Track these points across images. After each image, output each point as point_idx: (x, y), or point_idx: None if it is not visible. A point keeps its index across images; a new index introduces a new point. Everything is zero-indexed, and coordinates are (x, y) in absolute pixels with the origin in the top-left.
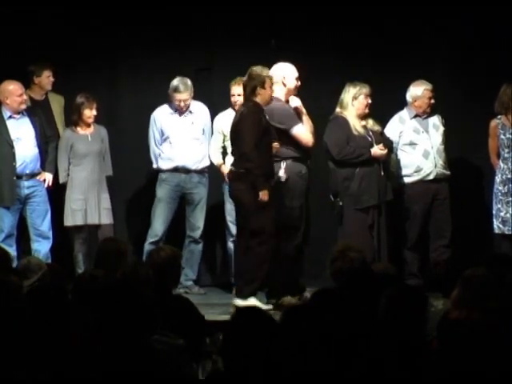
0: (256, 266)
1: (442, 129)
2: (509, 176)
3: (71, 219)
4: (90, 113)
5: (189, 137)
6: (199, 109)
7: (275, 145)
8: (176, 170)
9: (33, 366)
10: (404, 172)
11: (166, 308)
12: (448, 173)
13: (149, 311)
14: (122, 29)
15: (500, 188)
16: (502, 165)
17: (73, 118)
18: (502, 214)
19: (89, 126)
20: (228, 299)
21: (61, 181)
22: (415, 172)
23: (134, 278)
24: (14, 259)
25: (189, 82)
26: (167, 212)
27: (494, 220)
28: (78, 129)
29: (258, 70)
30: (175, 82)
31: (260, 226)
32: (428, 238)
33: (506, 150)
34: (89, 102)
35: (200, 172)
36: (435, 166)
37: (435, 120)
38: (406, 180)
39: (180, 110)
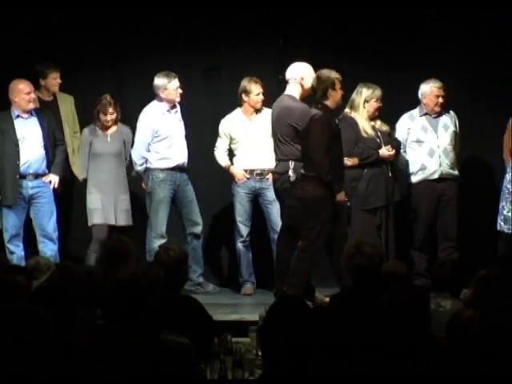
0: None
1: (452, 129)
2: None
3: (90, 218)
4: (105, 117)
5: (181, 135)
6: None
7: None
8: (173, 168)
9: (37, 366)
10: (410, 170)
11: (174, 308)
12: (456, 173)
13: (154, 311)
14: (129, 28)
15: (509, 186)
16: None
17: (94, 116)
18: (504, 212)
19: (115, 124)
20: (236, 299)
21: (80, 177)
22: (420, 170)
23: (145, 278)
24: (21, 259)
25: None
26: (168, 212)
27: (498, 217)
28: (98, 128)
29: (326, 72)
30: (162, 76)
31: (313, 229)
32: (436, 238)
33: None
34: (104, 108)
35: (187, 169)
36: (440, 165)
37: (446, 120)
38: (412, 178)
39: (173, 103)
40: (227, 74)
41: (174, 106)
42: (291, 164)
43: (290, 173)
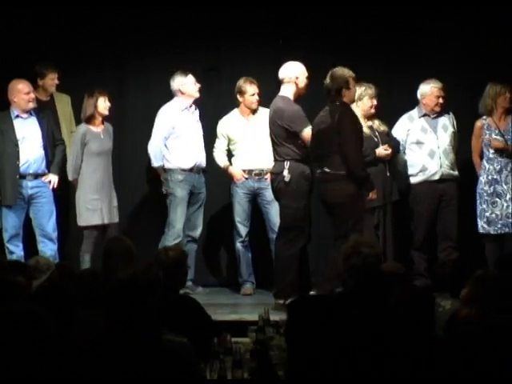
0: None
1: (451, 129)
2: (494, 176)
3: (86, 219)
4: (104, 104)
5: (198, 135)
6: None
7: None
8: (191, 170)
9: (37, 366)
10: (410, 171)
11: (174, 308)
12: (455, 173)
13: (154, 311)
14: (129, 28)
15: (485, 188)
16: (487, 165)
17: (86, 114)
18: (487, 214)
19: (102, 122)
20: (236, 299)
21: (70, 178)
22: (420, 171)
23: (145, 278)
24: (21, 259)
25: None
26: (185, 212)
27: (479, 220)
28: (92, 126)
29: (339, 71)
30: (177, 74)
31: (354, 229)
32: (436, 238)
33: (492, 151)
34: (100, 94)
35: (204, 171)
36: (440, 166)
37: (445, 120)
38: (412, 180)
39: (193, 99)
40: (227, 74)
41: (192, 105)
42: (286, 164)
43: (285, 173)
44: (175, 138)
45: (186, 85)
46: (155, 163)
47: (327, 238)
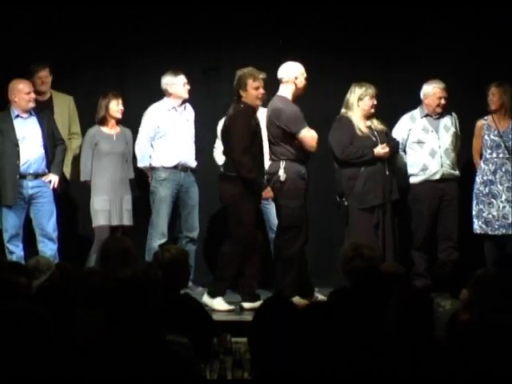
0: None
1: (452, 130)
2: (490, 177)
3: (94, 219)
4: (116, 107)
5: (186, 134)
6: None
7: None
8: (175, 168)
9: (37, 366)
10: (410, 171)
11: (174, 308)
12: (456, 173)
13: (154, 311)
14: (129, 28)
15: (481, 189)
16: (483, 166)
17: (99, 116)
18: (484, 214)
19: (117, 123)
20: (234, 299)
21: (82, 178)
22: (421, 171)
23: (145, 278)
24: (21, 259)
25: None
26: (170, 211)
27: (476, 220)
28: (104, 128)
29: (239, 72)
30: (168, 73)
31: (237, 227)
32: (436, 238)
33: (489, 151)
34: (114, 96)
35: (194, 171)
36: (441, 165)
37: (447, 121)
38: (413, 179)
39: (181, 100)
40: (227, 74)
41: (182, 104)
42: (282, 164)
43: (280, 173)
44: (160, 137)
45: (174, 85)
46: (139, 163)
47: (327, 238)
